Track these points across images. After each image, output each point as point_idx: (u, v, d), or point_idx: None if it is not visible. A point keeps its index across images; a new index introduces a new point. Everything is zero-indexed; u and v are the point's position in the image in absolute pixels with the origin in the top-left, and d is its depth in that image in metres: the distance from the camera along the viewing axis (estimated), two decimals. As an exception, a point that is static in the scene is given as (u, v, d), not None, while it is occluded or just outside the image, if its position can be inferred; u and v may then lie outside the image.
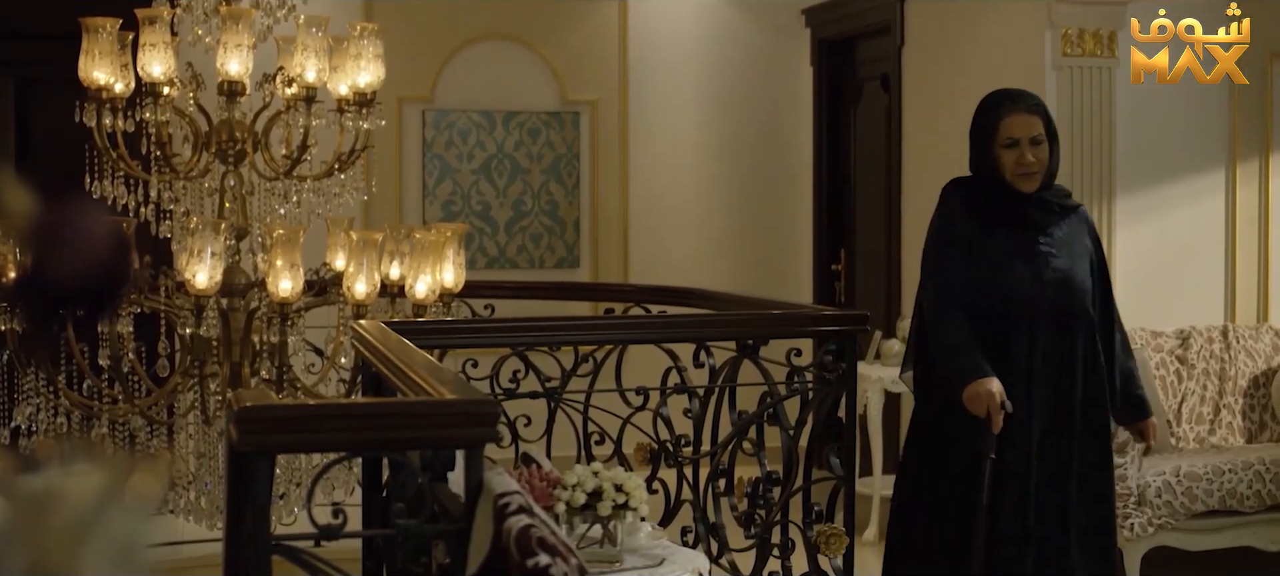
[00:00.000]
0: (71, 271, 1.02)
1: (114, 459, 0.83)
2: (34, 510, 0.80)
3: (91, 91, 5.72)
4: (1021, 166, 5.09)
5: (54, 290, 1.03)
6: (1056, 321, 5.02)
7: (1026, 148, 5.10)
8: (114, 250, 1.04)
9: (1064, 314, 5.03)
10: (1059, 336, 5.02)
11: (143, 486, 0.81)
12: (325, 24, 5.86)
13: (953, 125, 8.30)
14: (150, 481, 0.82)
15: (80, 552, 0.81)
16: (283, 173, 5.90)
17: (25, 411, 5.91)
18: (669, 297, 6.74)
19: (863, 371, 7.67)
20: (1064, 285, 5.04)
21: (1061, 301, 5.03)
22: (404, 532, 3.02)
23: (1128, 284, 7.51)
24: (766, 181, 10.03)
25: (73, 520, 0.80)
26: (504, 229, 9.60)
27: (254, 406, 3.00)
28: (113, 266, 1.04)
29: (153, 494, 0.82)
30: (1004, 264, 5.02)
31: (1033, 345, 4.98)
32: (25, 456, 0.84)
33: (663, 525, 5.16)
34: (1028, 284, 5.00)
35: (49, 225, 1.03)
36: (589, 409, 5.45)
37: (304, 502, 3.25)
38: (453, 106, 9.53)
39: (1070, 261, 5.09)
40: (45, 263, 1.01)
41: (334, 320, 5.98)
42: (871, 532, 7.99)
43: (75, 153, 5.86)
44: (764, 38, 9.99)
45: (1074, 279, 5.07)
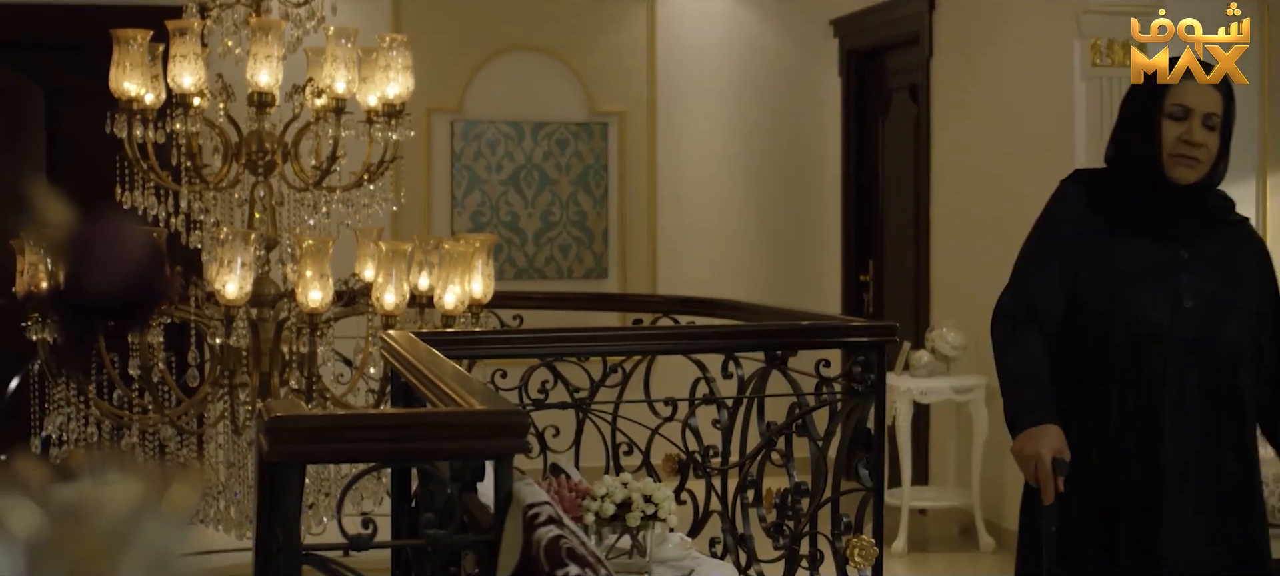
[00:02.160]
0: (107, 283, 1.02)
1: (150, 469, 0.83)
2: (70, 520, 0.80)
3: (122, 103, 5.74)
4: (1184, 146, 3.97)
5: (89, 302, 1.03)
6: (1198, 365, 3.85)
7: (1197, 124, 4.02)
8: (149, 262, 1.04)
9: (1209, 356, 3.85)
10: (1201, 389, 3.84)
11: (179, 496, 0.82)
12: (355, 35, 5.87)
13: (982, 135, 8.29)
14: (186, 491, 0.82)
15: (116, 563, 0.81)
16: (312, 183, 5.91)
17: (56, 421, 5.94)
18: (697, 308, 6.74)
19: (891, 382, 7.66)
20: (1211, 316, 3.86)
21: (1206, 337, 3.85)
22: (433, 543, 3.02)
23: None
24: (794, 192, 10.02)
25: (109, 530, 0.80)
26: (532, 239, 9.61)
27: (284, 416, 3.00)
28: (148, 278, 1.04)
29: (189, 504, 0.82)
30: (1132, 281, 3.92)
31: (1160, 394, 3.84)
32: (60, 466, 0.84)
33: (691, 536, 5.14)
34: (1161, 310, 3.87)
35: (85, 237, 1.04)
36: (617, 419, 5.44)
37: (334, 512, 3.25)
38: (481, 117, 9.55)
39: (1224, 287, 3.92)
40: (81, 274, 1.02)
41: (363, 330, 5.99)
42: (900, 544, 7.97)
43: (106, 164, 5.88)
44: (792, 48, 9.98)
45: (1227, 309, 3.89)
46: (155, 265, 1.05)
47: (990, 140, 8.22)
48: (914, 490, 8.23)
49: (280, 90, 5.83)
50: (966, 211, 8.45)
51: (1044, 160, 7.69)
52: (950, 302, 8.54)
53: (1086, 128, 7.40)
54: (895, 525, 7.96)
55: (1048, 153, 7.65)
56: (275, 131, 5.94)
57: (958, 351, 8.11)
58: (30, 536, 0.76)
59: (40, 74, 8.93)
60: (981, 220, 8.27)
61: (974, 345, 8.12)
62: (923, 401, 8.18)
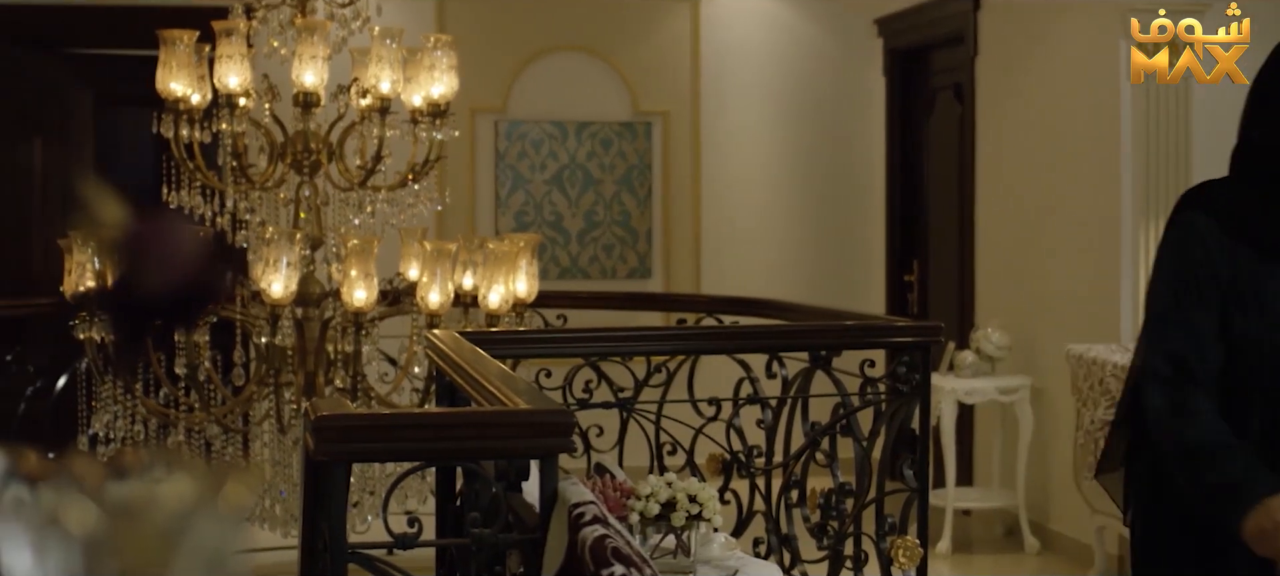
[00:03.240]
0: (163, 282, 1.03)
1: (205, 467, 0.83)
2: (125, 518, 0.81)
3: (169, 103, 5.77)
4: None
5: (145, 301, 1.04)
6: None
7: None
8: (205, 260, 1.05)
9: None
10: None
11: (234, 495, 0.82)
12: (399, 35, 5.89)
13: (1027, 135, 8.26)
14: (241, 490, 0.83)
15: (170, 561, 0.81)
16: (357, 183, 5.93)
17: (103, 418, 5.98)
18: (741, 308, 6.73)
19: (936, 383, 7.64)
20: None
21: None
22: (478, 542, 3.03)
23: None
24: (839, 191, 10.00)
25: (163, 528, 0.81)
26: (576, 239, 9.62)
27: (331, 415, 3.01)
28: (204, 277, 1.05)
29: (244, 503, 0.82)
30: None
31: None
32: (115, 464, 0.85)
33: (735, 536, 5.13)
34: None
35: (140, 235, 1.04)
36: (661, 419, 5.44)
37: (379, 511, 3.26)
38: (525, 117, 9.56)
39: None
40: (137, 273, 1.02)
41: (407, 330, 6.00)
42: (944, 545, 7.95)
43: (152, 164, 5.92)
44: (836, 47, 9.96)
45: None
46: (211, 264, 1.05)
47: (1035, 140, 8.19)
48: (958, 491, 8.20)
49: (325, 90, 5.85)
50: (1011, 211, 8.42)
51: (1090, 160, 7.66)
52: (995, 303, 8.51)
53: (1133, 128, 7.36)
54: (939, 526, 7.93)
55: (1094, 153, 7.61)
56: (320, 131, 5.96)
57: (1002, 352, 8.08)
58: (87, 534, 0.77)
59: (88, 74, 8.99)
60: (1027, 220, 8.24)
61: (1019, 346, 8.09)
62: (967, 402, 8.15)
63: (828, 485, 5.20)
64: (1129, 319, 7.36)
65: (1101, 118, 7.53)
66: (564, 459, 3.12)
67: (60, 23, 9.18)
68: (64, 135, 8.76)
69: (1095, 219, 7.59)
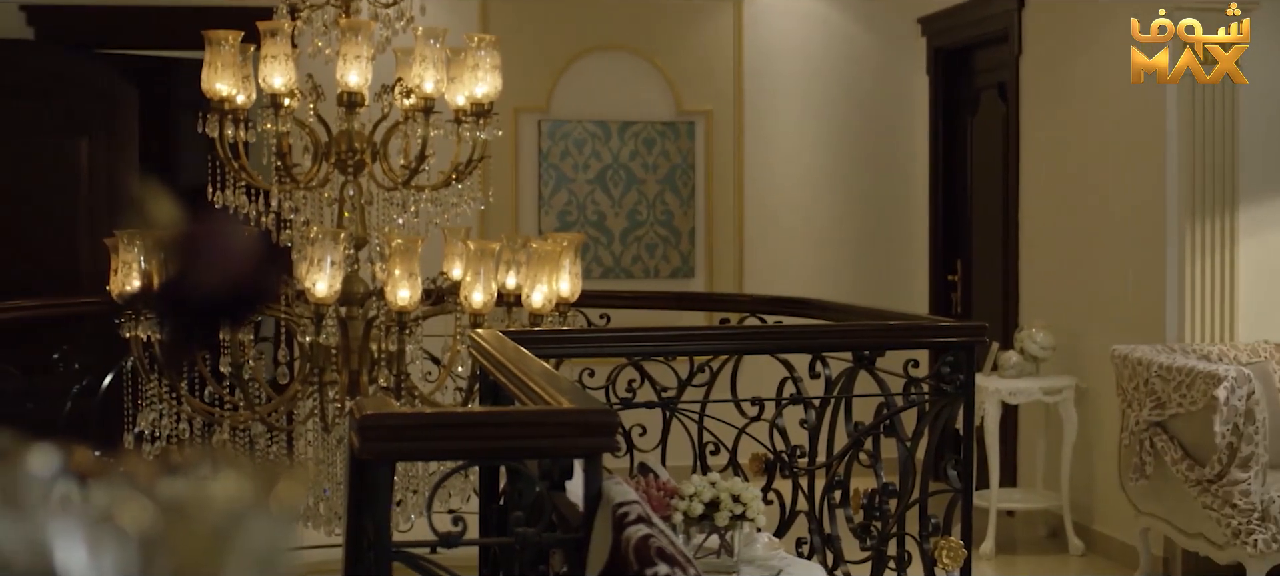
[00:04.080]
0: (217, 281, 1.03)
1: (258, 466, 0.84)
2: (178, 516, 0.81)
3: (214, 103, 5.80)
4: None
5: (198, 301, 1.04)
6: None
7: None
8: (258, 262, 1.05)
9: None
10: None
11: (286, 494, 0.82)
12: (443, 35, 5.90)
13: (1072, 134, 8.22)
14: (294, 489, 0.83)
15: (222, 560, 0.82)
16: (401, 183, 5.94)
17: (148, 416, 6.01)
18: (784, 308, 6.72)
19: (980, 383, 7.62)
20: None
21: None
22: (522, 541, 3.04)
23: (1252, 295, 7.40)
24: (882, 191, 9.98)
25: (215, 527, 0.81)
26: (619, 239, 9.62)
27: (376, 414, 3.02)
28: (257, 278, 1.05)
29: (296, 502, 0.83)
30: None
31: None
32: (168, 462, 0.85)
33: (778, 536, 5.13)
34: None
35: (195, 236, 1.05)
36: (704, 418, 5.44)
37: (423, 509, 3.27)
38: (568, 117, 9.57)
39: None
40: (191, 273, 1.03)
41: (451, 329, 6.01)
42: (988, 546, 7.92)
43: (198, 164, 5.95)
44: (879, 46, 9.94)
45: None
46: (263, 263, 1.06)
47: (1080, 139, 8.15)
48: (1002, 491, 8.17)
49: (369, 90, 5.87)
50: (1056, 211, 8.38)
51: (1134, 160, 7.62)
52: (1039, 303, 8.48)
53: (1178, 127, 7.32)
54: (983, 527, 7.90)
55: (1138, 152, 7.58)
56: (364, 131, 5.98)
57: (1047, 352, 8.05)
58: (142, 532, 0.77)
59: (134, 74, 9.04)
60: (1071, 220, 8.21)
61: (1063, 346, 8.06)
62: (1011, 402, 8.12)
63: (871, 485, 5.19)
64: (1174, 319, 7.32)
65: (1147, 117, 7.49)
66: (606, 458, 3.12)
67: (107, 24, 9.24)
68: (110, 135, 8.81)
69: (1140, 218, 7.55)
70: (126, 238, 5.94)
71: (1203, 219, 7.31)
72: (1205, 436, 6.57)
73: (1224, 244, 7.32)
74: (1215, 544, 6.67)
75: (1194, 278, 7.30)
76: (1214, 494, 6.57)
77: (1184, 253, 7.30)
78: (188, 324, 1.05)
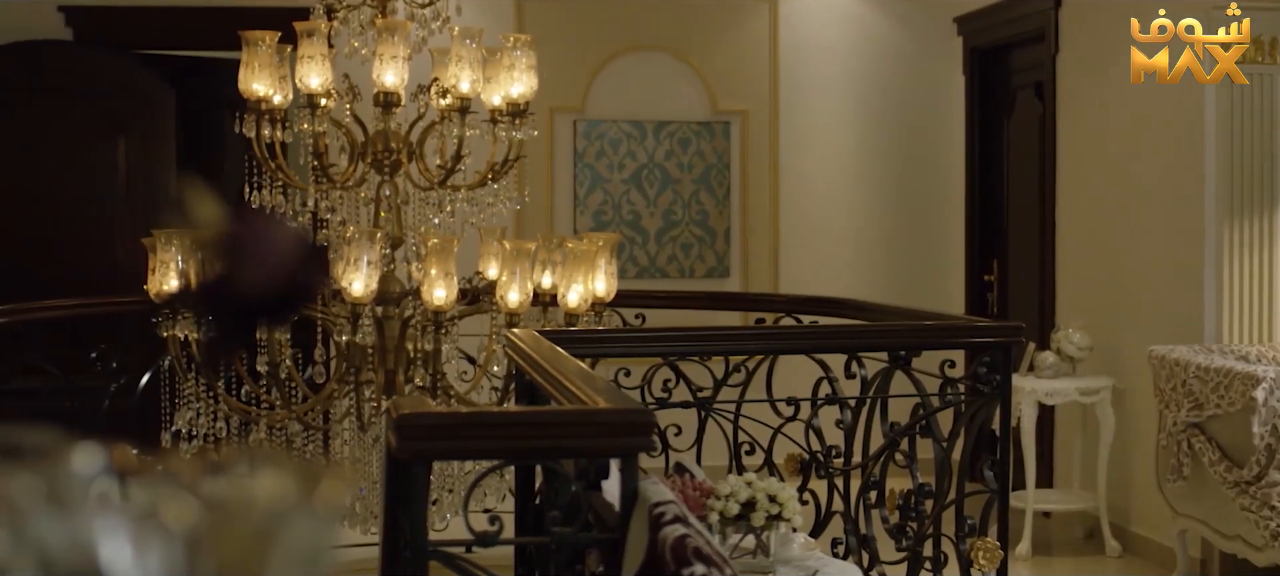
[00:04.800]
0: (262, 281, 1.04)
1: (301, 465, 0.84)
2: (221, 515, 0.81)
3: (251, 103, 5.82)
4: None
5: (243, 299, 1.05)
6: None
7: None
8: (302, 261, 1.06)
9: None
10: None
11: (329, 493, 0.82)
12: (479, 35, 5.91)
13: (1109, 133, 8.18)
14: (337, 488, 0.83)
15: (264, 559, 0.82)
16: (437, 182, 5.95)
17: (186, 415, 6.04)
18: (820, 308, 6.71)
19: (1016, 383, 7.59)
20: None
21: None
22: (559, 540, 3.04)
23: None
24: (918, 191, 9.95)
25: (257, 526, 0.81)
26: (654, 238, 9.62)
27: (413, 413, 3.03)
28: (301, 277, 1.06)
29: (339, 501, 0.83)
30: None
31: None
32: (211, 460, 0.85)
33: (813, 536, 5.13)
34: None
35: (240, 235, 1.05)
36: (740, 418, 5.43)
37: (459, 509, 3.27)
38: (604, 116, 9.58)
39: None
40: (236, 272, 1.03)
41: (487, 328, 6.02)
42: (1024, 547, 7.89)
43: (234, 164, 5.97)
44: (915, 46, 9.92)
45: None
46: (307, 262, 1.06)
47: (1117, 138, 8.12)
48: (1038, 492, 8.14)
49: (406, 90, 5.88)
50: (1093, 210, 8.35)
51: (1172, 159, 7.59)
52: (1076, 303, 8.45)
53: (1216, 125, 7.28)
54: (1019, 528, 7.87)
55: (1176, 151, 7.54)
56: (401, 131, 5.99)
57: (1083, 352, 8.02)
58: (187, 530, 0.77)
59: (171, 75, 9.08)
60: (1108, 219, 8.17)
61: (1100, 346, 8.03)
62: (1048, 403, 8.09)
63: (907, 486, 5.18)
64: (1212, 320, 7.29)
65: (1185, 116, 7.45)
66: (642, 458, 3.12)
67: (144, 24, 9.29)
68: (147, 135, 8.86)
69: (1178, 218, 7.52)
70: (164, 237, 5.97)
71: (1241, 218, 7.26)
72: (1243, 437, 6.54)
73: (1263, 243, 7.28)
74: (1253, 546, 6.64)
75: (1232, 278, 7.27)
76: (1252, 495, 6.53)
77: (1222, 252, 7.26)
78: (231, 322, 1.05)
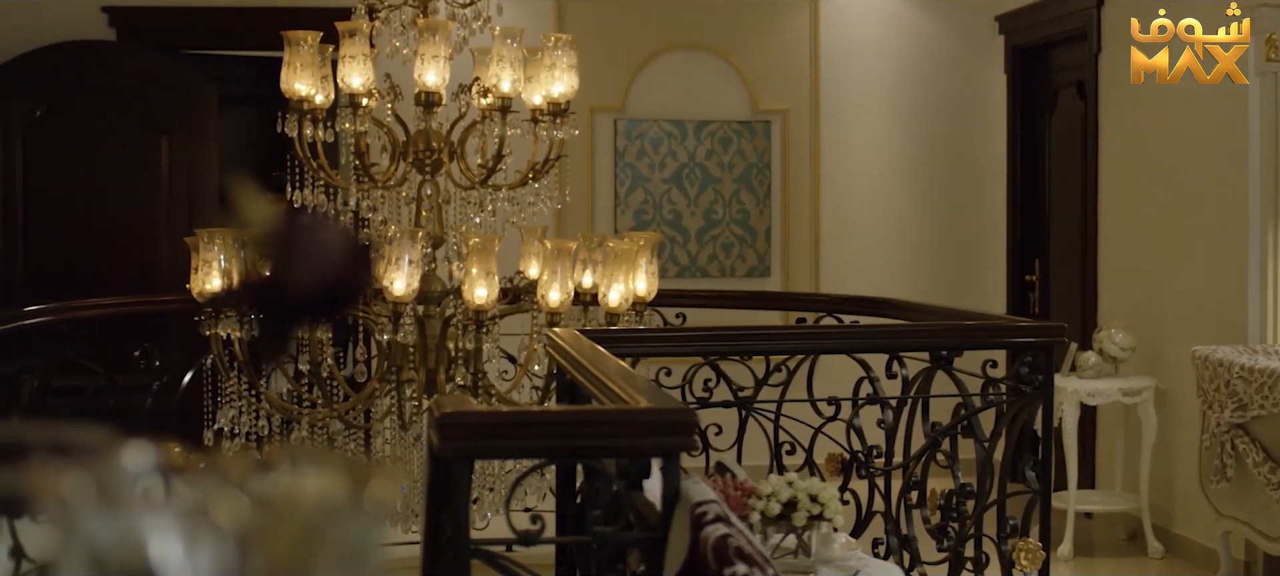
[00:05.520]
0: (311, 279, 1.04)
1: (350, 463, 0.84)
2: (271, 513, 0.82)
3: (293, 102, 5.84)
4: None
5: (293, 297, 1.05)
6: None
7: None
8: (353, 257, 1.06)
9: None
10: None
11: (379, 491, 0.83)
12: (520, 35, 5.92)
13: (1151, 132, 8.14)
14: (386, 486, 0.83)
15: (313, 557, 0.82)
16: (478, 182, 5.96)
17: (228, 414, 6.06)
18: (861, 307, 6.69)
19: (1058, 384, 7.54)
20: None
21: None
22: (600, 540, 3.04)
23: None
24: (959, 190, 9.92)
25: (309, 524, 0.82)
26: (695, 238, 9.62)
27: (456, 412, 3.04)
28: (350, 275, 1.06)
29: (389, 500, 0.83)
30: None
31: None
32: (258, 459, 0.86)
33: (854, 536, 5.12)
34: None
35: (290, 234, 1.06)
36: (780, 418, 5.43)
37: (501, 508, 3.28)
38: (644, 116, 9.58)
39: None
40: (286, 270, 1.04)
41: (527, 328, 6.03)
42: (1066, 548, 7.86)
43: (275, 163, 5.99)
44: (957, 45, 9.89)
45: None
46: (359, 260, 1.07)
47: (1160, 137, 8.07)
48: (1080, 493, 8.10)
49: (447, 90, 5.89)
50: (1135, 209, 8.31)
51: (1216, 158, 7.54)
52: (1118, 303, 8.41)
53: (1260, 124, 7.24)
54: (1061, 529, 7.84)
55: (1220, 150, 7.50)
56: (442, 130, 6.00)
57: (1126, 353, 7.98)
58: (237, 528, 0.78)
59: (214, 75, 9.13)
60: (1151, 218, 8.13)
61: (1143, 347, 7.99)
62: (1090, 403, 8.05)
63: (948, 486, 5.17)
64: (1255, 320, 7.24)
65: (1228, 114, 7.41)
66: (683, 458, 3.12)
67: (187, 25, 9.34)
68: (190, 135, 8.90)
69: (1221, 217, 7.47)
70: (206, 236, 6.00)
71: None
72: (1288, 438, 6.49)
73: (1305, 243, 7.24)
74: (1298, 547, 6.60)
75: (1277, 277, 7.22)
76: (1297, 497, 6.49)
77: (1266, 252, 7.21)
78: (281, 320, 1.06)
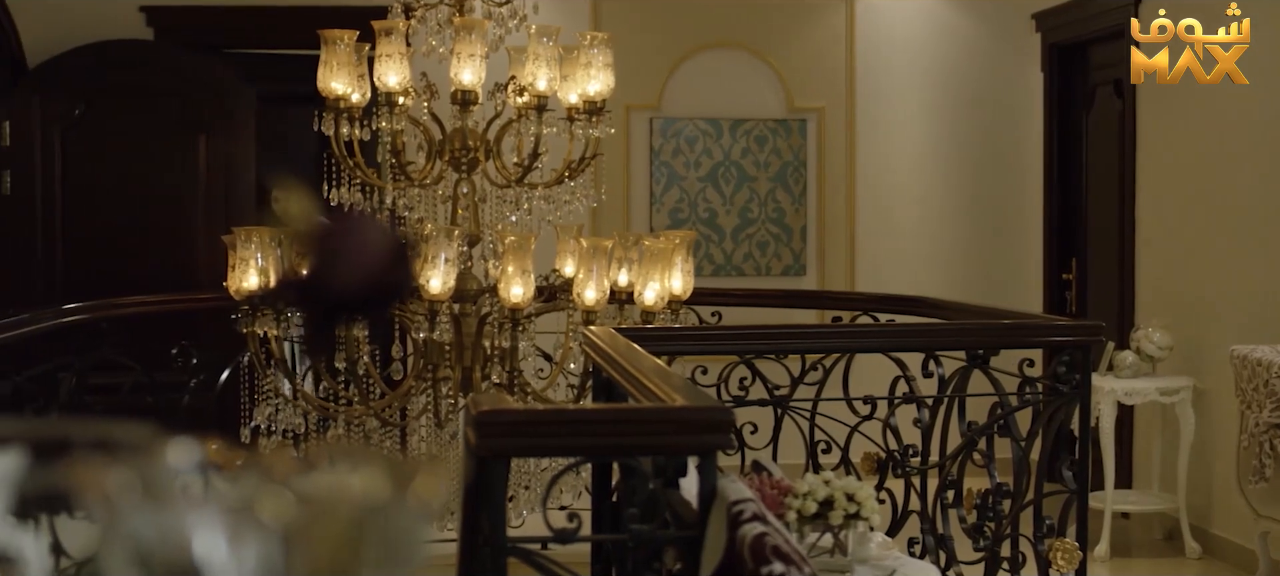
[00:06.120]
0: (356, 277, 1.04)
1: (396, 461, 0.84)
2: (316, 510, 0.82)
3: (329, 101, 5.86)
4: None
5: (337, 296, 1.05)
6: None
7: None
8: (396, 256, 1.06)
9: None
10: None
11: (425, 489, 0.83)
12: (556, 33, 5.92)
13: (1190, 130, 8.10)
14: (433, 484, 0.84)
15: (358, 555, 0.82)
16: (514, 180, 5.97)
17: (265, 411, 6.08)
18: (897, 306, 6.68)
19: (1095, 383, 7.52)
20: None
21: None
22: (637, 538, 3.04)
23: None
24: (996, 188, 9.89)
25: (354, 521, 0.82)
26: (731, 236, 9.61)
27: (493, 410, 3.04)
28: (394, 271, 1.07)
29: (435, 497, 0.83)
30: None
31: None
32: (302, 456, 0.86)
33: (890, 535, 5.11)
34: None
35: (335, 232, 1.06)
36: (816, 417, 5.42)
37: (536, 505, 3.29)
38: (680, 114, 9.58)
39: None
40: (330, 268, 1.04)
41: (563, 326, 6.04)
42: (1103, 548, 7.83)
43: (312, 162, 6.01)
44: (993, 42, 9.86)
45: None
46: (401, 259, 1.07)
47: (1197, 135, 8.03)
48: (1117, 493, 8.07)
49: (483, 88, 5.91)
50: (1173, 208, 8.27)
51: (1255, 156, 7.50)
52: (1156, 302, 8.37)
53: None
54: (1098, 529, 7.81)
55: (1259, 148, 7.46)
56: (478, 129, 6.01)
57: (1164, 352, 7.94)
58: (283, 525, 0.78)
59: (251, 74, 9.16)
60: (1189, 218, 8.09)
61: (1181, 346, 7.95)
62: (1127, 403, 8.02)
63: (984, 485, 5.15)
64: (1295, 319, 7.20)
65: (1267, 112, 7.37)
66: (719, 456, 3.12)
67: (224, 24, 9.38)
68: (227, 133, 8.94)
69: (1260, 216, 7.43)
70: (244, 234, 6.02)
71: (1325, 217, 7.18)
72: (1327, 438, 6.46)
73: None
74: (1337, 548, 6.56)
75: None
76: (1336, 497, 6.45)
77: (1306, 251, 7.18)
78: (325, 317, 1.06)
